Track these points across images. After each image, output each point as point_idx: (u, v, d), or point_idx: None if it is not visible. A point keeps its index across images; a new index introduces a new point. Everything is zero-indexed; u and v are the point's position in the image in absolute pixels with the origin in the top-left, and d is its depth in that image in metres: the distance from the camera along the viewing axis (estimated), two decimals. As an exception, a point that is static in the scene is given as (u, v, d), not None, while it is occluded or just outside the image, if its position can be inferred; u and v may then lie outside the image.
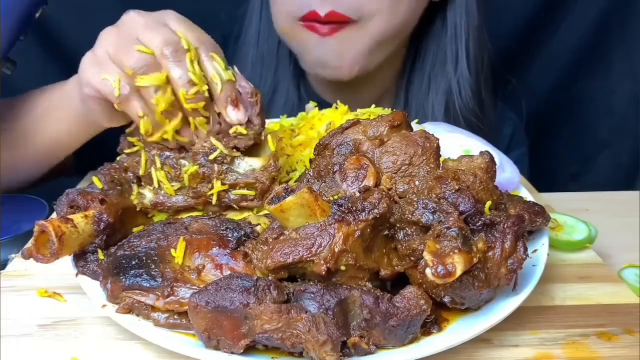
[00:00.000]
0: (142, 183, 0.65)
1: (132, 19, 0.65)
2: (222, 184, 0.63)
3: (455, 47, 1.05)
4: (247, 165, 0.64)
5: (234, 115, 0.63)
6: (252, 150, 0.65)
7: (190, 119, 0.63)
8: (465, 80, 1.06)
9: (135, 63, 0.61)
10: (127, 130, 0.67)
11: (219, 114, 0.65)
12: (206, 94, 0.63)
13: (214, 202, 0.64)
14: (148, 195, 0.65)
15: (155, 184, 0.64)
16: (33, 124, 0.87)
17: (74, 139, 0.86)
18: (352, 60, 0.97)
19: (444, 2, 1.04)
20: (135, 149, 0.66)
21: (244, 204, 0.64)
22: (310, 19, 0.93)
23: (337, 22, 0.92)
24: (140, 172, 0.65)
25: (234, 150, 0.64)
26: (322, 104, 0.83)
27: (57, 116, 0.84)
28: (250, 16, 1.13)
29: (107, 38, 0.65)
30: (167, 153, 0.65)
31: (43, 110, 0.86)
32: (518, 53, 1.38)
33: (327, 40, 0.95)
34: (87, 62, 0.66)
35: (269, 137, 0.65)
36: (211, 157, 0.63)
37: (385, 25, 0.94)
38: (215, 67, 0.63)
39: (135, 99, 0.62)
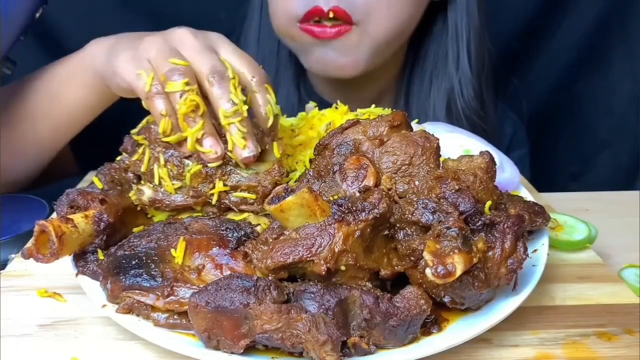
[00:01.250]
0: (142, 181, 0.65)
1: (183, 35, 0.66)
2: (224, 185, 0.63)
3: (457, 47, 1.05)
4: (250, 168, 0.64)
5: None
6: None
7: (229, 136, 0.62)
8: (467, 80, 1.06)
9: (170, 72, 0.62)
10: (133, 131, 0.68)
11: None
12: (244, 114, 0.63)
13: (214, 202, 0.64)
14: (147, 192, 0.65)
15: (157, 181, 0.64)
16: (48, 100, 0.86)
17: (89, 109, 0.86)
18: (354, 63, 0.97)
19: (445, 2, 1.04)
20: (141, 150, 0.66)
21: (243, 207, 0.64)
22: (313, 15, 0.93)
23: (338, 19, 0.92)
24: (143, 169, 0.65)
25: None
26: (323, 104, 0.83)
27: (75, 85, 0.84)
28: (250, 16, 1.13)
29: (152, 46, 0.65)
30: (172, 151, 0.65)
31: (57, 85, 0.86)
32: (518, 53, 1.38)
33: (327, 43, 0.94)
34: (125, 58, 0.67)
35: (274, 144, 0.65)
36: None
37: (386, 28, 0.94)
38: (269, 100, 0.66)
39: (161, 98, 0.63)
